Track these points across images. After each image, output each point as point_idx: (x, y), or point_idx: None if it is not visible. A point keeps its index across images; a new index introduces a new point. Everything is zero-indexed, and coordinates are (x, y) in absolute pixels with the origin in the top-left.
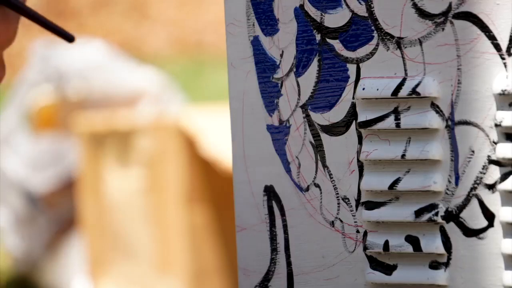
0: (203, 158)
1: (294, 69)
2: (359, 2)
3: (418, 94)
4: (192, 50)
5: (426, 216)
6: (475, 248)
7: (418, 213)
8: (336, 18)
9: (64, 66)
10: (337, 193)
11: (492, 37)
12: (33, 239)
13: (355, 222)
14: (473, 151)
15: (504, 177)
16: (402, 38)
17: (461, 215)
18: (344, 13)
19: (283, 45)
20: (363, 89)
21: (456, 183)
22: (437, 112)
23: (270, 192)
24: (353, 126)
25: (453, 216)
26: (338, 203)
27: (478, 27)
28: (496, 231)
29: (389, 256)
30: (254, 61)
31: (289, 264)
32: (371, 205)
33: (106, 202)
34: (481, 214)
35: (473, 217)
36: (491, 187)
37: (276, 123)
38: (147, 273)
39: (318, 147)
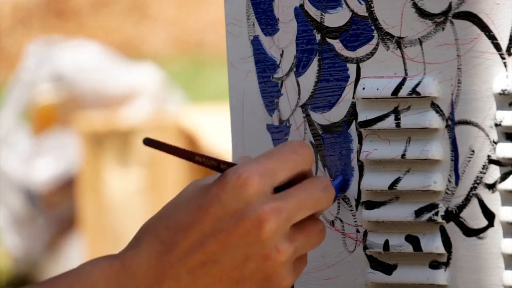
0: None
1: (294, 69)
2: (359, 2)
3: (418, 94)
4: (192, 50)
5: (426, 216)
6: (475, 248)
7: (418, 212)
8: (336, 18)
9: (60, 66)
10: None
11: (492, 37)
12: (33, 239)
13: (355, 221)
14: (473, 151)
15: (504, 177)
16: (402, 37)
17: (461, 215)
18: (344, 12)
19: (283, 44)
20: (363, 88)
21: (456, 183)
22: (437, 112)
23: None
24: (353, 125)
25: (453, 215)
26: (338, 203)
27: (478, 27)
28: (496, 231)
29: (389, 256)
30: (254, 61)
31: None
32: (371, 205)
33: (106, 202)
34: (481, 214)
35: (473, 217)
36: (491, 186)
37: (276, 123)
38: None
39: (318, 147)
